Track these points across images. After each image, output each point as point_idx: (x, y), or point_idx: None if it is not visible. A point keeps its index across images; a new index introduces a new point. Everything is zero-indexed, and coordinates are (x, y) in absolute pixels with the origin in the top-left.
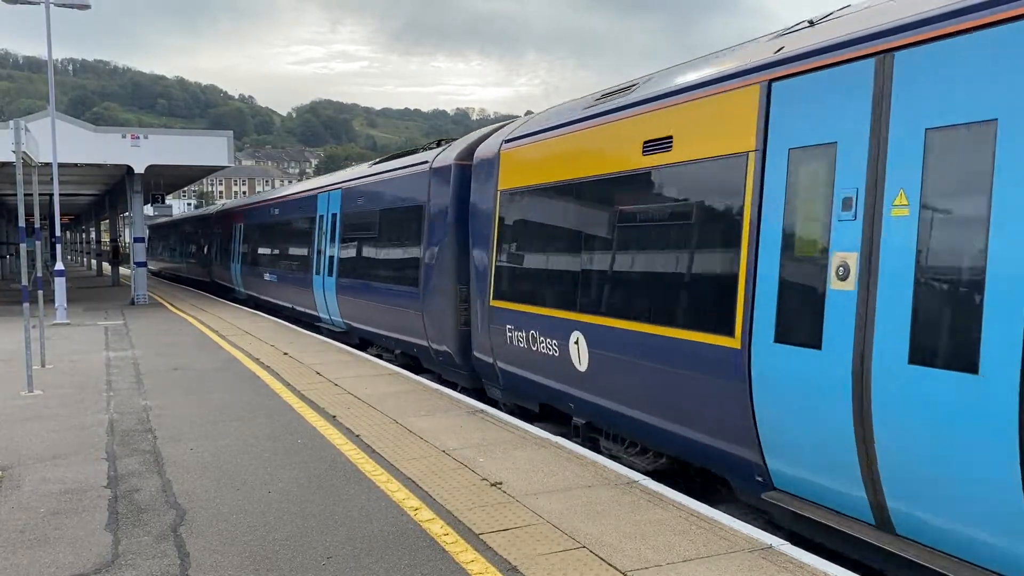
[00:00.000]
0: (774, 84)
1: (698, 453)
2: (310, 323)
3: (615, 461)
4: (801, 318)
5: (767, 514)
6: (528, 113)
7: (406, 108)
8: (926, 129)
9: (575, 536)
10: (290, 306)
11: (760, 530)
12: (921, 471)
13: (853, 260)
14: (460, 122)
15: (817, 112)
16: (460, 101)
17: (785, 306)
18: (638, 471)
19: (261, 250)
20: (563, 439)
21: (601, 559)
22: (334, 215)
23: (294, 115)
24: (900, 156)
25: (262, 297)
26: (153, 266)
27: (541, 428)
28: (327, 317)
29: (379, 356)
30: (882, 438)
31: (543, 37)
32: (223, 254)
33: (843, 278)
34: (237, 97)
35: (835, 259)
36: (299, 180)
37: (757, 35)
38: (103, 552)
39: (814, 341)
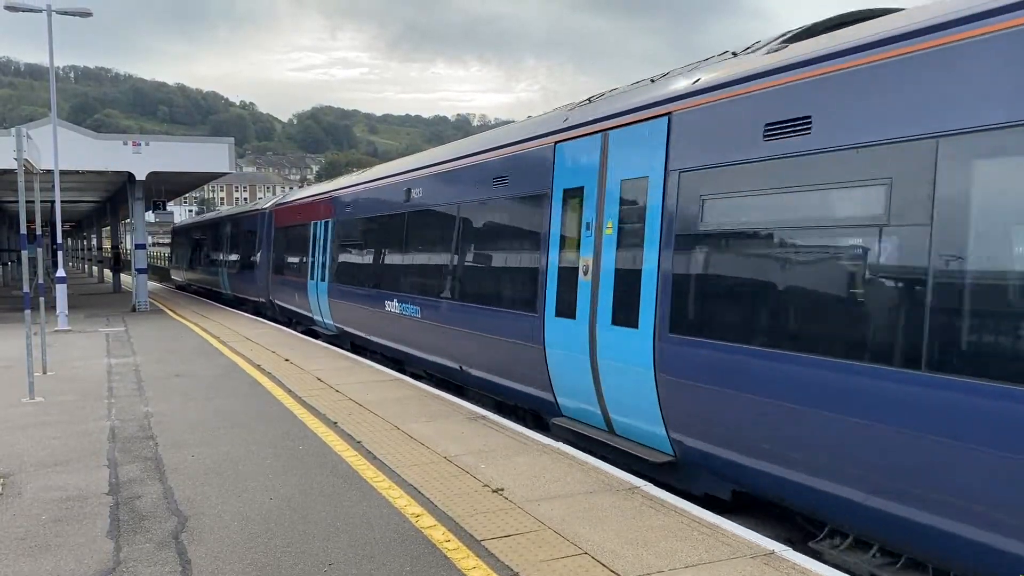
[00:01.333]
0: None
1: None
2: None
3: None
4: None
5: (764, 513)
6: (528, 117)
7: (407, 114)
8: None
9: (577, 542)
10: (488, 377)
11: (763, 536)
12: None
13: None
14: (461, 128)
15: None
16: (461, 107)
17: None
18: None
19: (371, 258)
20: (564, 445)
21: (603, 565)
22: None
23: (295, 121)
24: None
25: (377, 340)
26: (179, 276)
27: (542, 434)
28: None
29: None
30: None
31: (541, 42)
32: (287, 267)
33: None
34: (238, 103)
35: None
36: (300, 187)
37: (758, 38)
38: (104, 559)
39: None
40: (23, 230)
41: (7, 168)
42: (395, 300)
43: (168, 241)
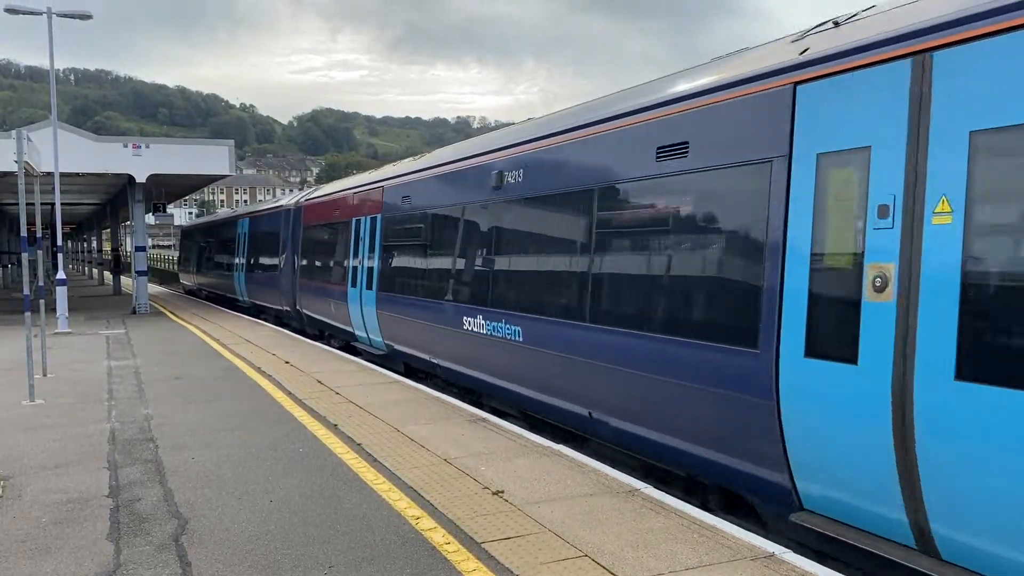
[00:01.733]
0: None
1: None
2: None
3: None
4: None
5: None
6: (529, 119)
7: (407, 116)
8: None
9: (577, 544)
10: (643, 434)
11: (763, 538)
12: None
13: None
14: (461, 130)
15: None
16: (460, 109)
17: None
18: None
19: (441, 262)
20: (565, 447)
21: (603, 568)
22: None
23: (295, 124)
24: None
25: (448, 365)
26: (188, 281)
27: (542, 436)
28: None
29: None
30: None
31: (541, 44)
32: (320, 271)
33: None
34: (238, 106)
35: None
36: (300, 189)
37: (760, 39)
38: (105, 562)
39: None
40: (23, 232)
41: (7, 170)
42: (480, 317)
43: (172, 243)
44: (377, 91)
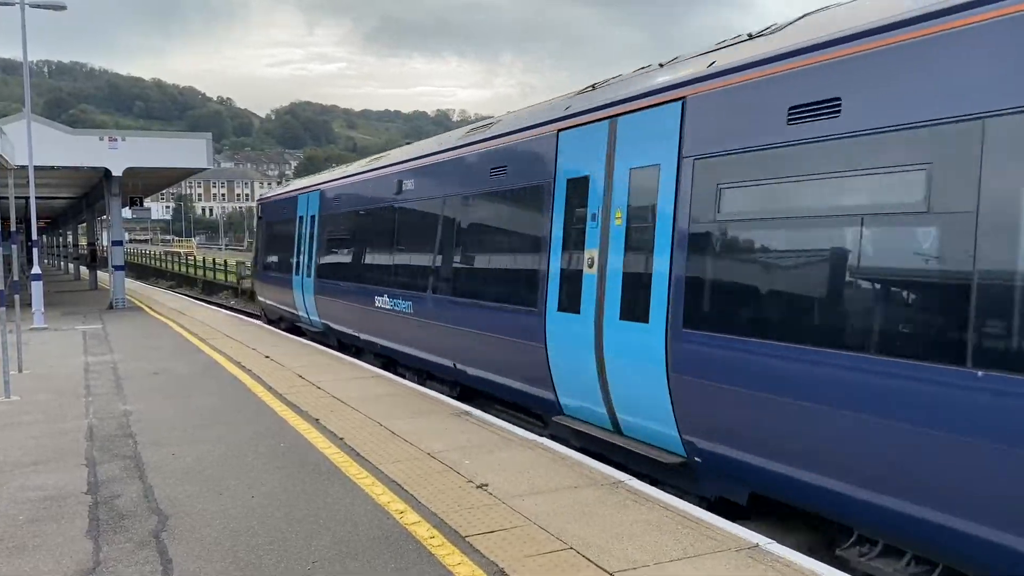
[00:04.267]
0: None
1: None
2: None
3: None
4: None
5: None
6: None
7: (386, 110)
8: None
9: (562, 537)
10: None
11: (747, 529)
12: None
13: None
14: (441, 123)
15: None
16: (440, 102)
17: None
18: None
19: None
20: (548, 440)
21: (588, 560)
22: None
23: (273, 117)
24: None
25: None
26: (296, 302)
27: (526, 430)
28: None
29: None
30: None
31: (519, 35)
32: None
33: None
34: (215, 99)
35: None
36: (279, 183)
37: (741, 31)
38: (84, 559)
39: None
40: None
41: None
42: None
43: (148, 237)
44: (356, 84)
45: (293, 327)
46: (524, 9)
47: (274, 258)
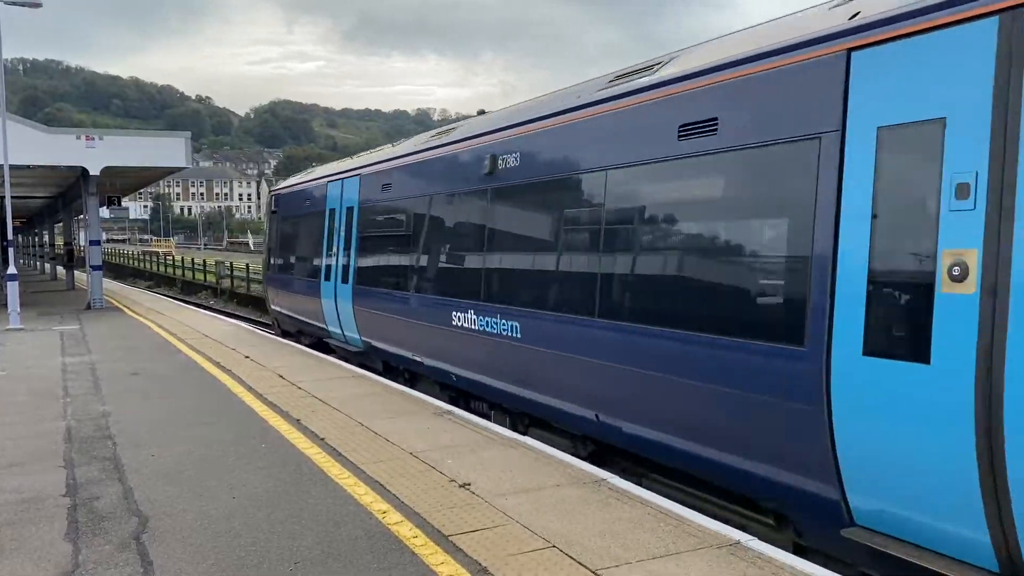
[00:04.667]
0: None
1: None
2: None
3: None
4: None
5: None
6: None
7: (367, 108)
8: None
9: (545, 535)
10: None
11: (728, 526)
12: None
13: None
14: (422, 122)
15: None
16: (421, 101)
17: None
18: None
19: None
20: (531, 439)
21: (571, 558)
22: None
23: (252, 116)
24: None
25: None
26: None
27: (507, 429)
28: None
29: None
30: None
31: (501, 34)
32: None
33: None
34: (194, 97)
35: None
36: (258, 183)
37: (723, 34)
38: (63, 562)
39: None
40: None
41: None
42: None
43: (126, 236)
44: (336, 83)
45: (320, 343)
46: (510, 8)
47: (292, 259)
